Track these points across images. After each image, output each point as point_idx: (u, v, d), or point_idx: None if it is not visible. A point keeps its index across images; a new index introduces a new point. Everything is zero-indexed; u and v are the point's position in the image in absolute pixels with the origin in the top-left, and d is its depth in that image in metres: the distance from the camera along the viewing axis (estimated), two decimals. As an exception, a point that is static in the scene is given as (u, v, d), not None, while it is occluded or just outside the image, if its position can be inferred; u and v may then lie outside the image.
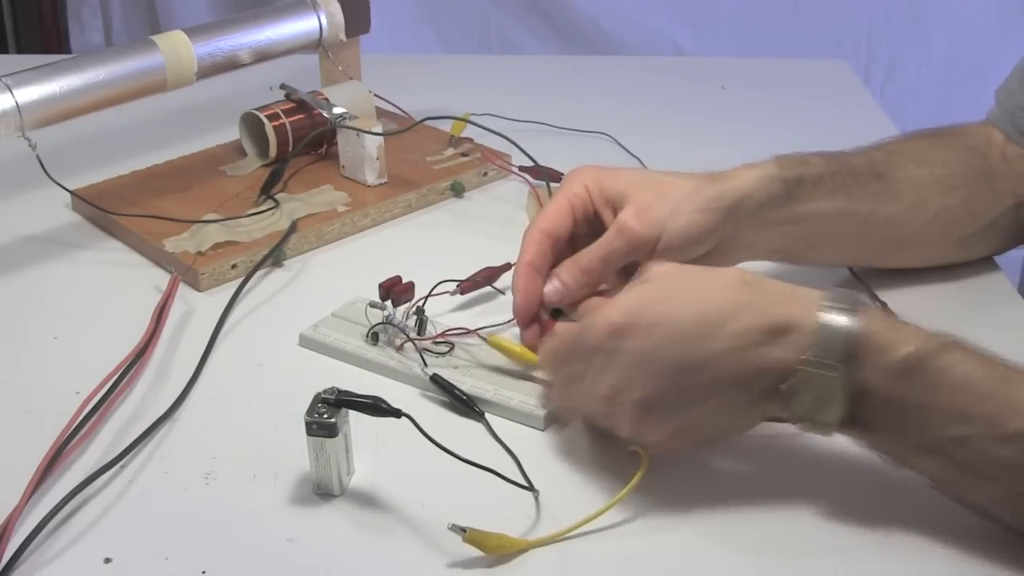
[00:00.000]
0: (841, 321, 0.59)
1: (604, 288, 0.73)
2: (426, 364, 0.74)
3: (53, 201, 0.97)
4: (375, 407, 0.63)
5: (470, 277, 0.83)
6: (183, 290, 0.84)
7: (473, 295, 0.84)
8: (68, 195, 0.95)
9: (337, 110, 1.01)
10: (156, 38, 0.94)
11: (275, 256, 0.89)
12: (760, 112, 1.21)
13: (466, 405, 0.72)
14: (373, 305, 0.77)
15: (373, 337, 0.77)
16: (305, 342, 0.79)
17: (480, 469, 0.63)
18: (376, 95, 1.09)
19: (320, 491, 0.65)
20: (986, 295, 0.86)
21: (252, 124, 1.03)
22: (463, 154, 1.05)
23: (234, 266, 0.87)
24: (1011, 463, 0.58)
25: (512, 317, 0.73)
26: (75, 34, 2.11)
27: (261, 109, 1.02)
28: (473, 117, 1.05)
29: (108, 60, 0.91)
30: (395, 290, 0.77)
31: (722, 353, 0.60)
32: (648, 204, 0.72)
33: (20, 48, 2.18)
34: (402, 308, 0.77)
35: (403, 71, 1.31)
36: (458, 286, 0.82)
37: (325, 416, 0.63)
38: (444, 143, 1.06)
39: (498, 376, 0.74)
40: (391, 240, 0.95)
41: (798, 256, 0.80)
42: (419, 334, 0.77)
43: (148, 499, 0.65)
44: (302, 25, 1.03)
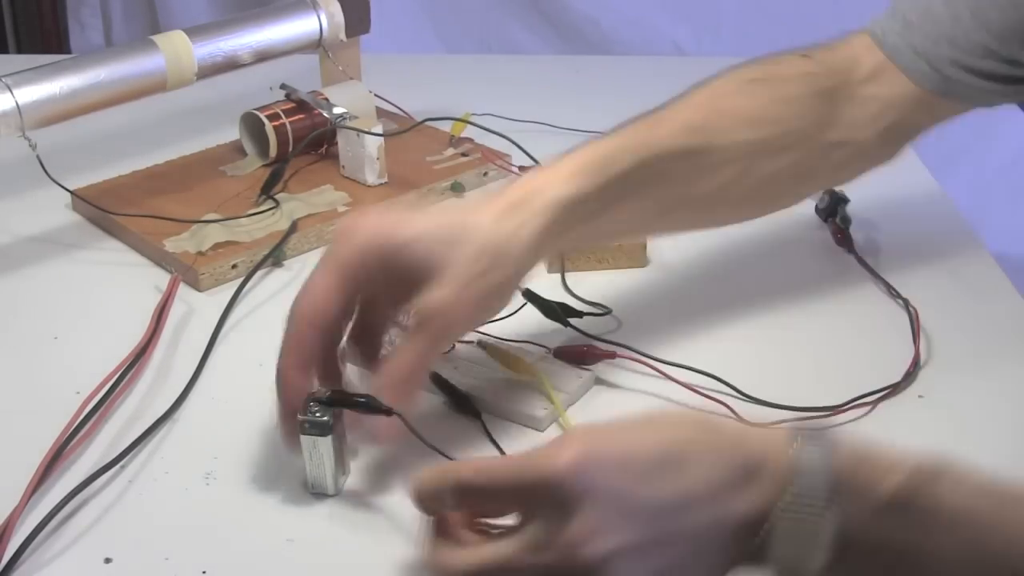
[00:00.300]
0: (815, 457, 0.51)
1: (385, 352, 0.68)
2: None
3: (53, 201, 0.97)
4: (367, 405, 0.63)
5: (470, 277, 0.83)
6: (183, 290, 0.84)
7: (473, 295, 0.84)
8: (68, 195, 0.95)
9: (337, 110, 1.01)
10: (156, 38, 0.94)
11: (275, 256, 0.89)
12: (760, 112, 1.21)
13: (463, 405, 0.72)
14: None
15: (373, 337, 0.77)
16: (305, 342, 0.79)
17: None
18: (376, 95, 1.09)
19: (314, 490, 0.65)
20: (986, 295, 0.86)
21: (252, 124, 1.03)
22: (463, 154, 1.05)
23: (234, 266, 0.87)
24: None
25: (510, 313, 0.72)
26: (75, 34, 2.11)
27: (261, 109, 1.02)
28: (473, 117, 1.05)
29: (108, 60, 0.91)
30: (395, 290, 0.77)
31: (692, 495, 0.51)
32: (452, 274, 0.63)
33: (20, 48, 2.18)
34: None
35: (403, 71, 1.31)
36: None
37: (318, 415, 0.63)
38: (444, 143, 1.06)
39: (498, 376, 0.74)
40: (391, 240, 0.95)
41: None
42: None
43: (148, 499, 0.65)
44: (302, 25, 1.03)
